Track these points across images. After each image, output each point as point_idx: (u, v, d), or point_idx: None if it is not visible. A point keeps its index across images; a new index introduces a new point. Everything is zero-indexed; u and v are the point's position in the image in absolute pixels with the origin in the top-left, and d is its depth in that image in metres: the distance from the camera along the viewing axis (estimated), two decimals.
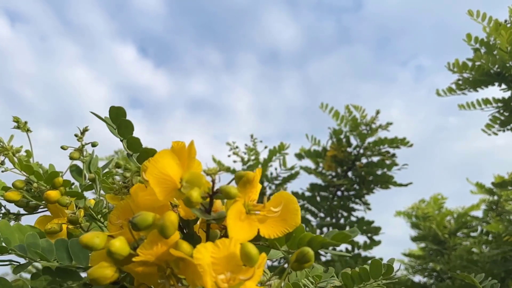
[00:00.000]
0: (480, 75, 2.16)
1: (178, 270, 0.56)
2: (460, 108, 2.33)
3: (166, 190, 0.57)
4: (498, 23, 1.99)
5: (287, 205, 0.60)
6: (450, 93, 2.36)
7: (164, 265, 0.56)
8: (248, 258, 0.50)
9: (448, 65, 2.25)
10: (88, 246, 0.54)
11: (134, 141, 0.67)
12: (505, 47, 1.95)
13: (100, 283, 0.54)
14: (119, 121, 0.67)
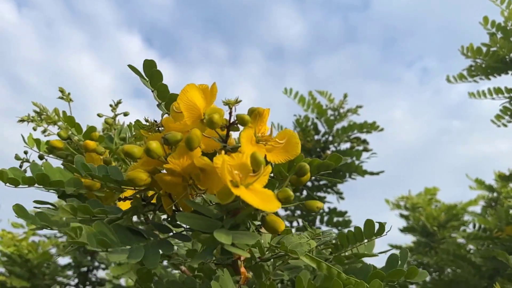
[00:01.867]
0: (494, 62, 2.09)
1: (198, 181, 0.68)
2: (470, 96, 2.24)
3: (193, 116, 0.71)
4: None
5: (290, 139, 0.72)
6: (461, 79, 2.27)
7: (187, 176, 0.68)
8: (257, 162, 0.63)
9: (461, 49, 2.18)
10: (129, 153, 0.67)
11: (163, 89, 0.79)
12: None
13: (136, 184, 0.67)
14: (151, 72, 0.79)
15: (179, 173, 0.68)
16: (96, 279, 2.70)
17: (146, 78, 0.78)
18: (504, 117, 2.17)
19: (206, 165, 0.66)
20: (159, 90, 0.79)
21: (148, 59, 0.78)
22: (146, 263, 0.64)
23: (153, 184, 0.72)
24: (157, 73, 0.78)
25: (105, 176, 0.71)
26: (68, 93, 1.08)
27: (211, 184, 0.67)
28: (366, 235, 0.99)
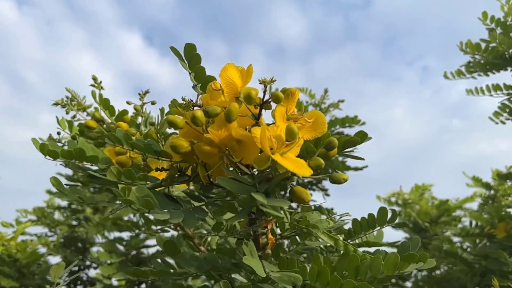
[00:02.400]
0: (493, 58, 2.04)
1: (233, 152, 0.74)
2: (468, 93, 2.19)
3: (230, 93, 0.77)
4: None
5: (317, 119, 0.78)
6: (459, 76, 2.22)
7: (224, 147, 0.74)
8: (292, 133, 0.69)
9: (460, 45, 2.12)
10: (172, 123, 0.73)
11: (200, 71, 0.85)
12: None
13: (177, 150, 0.73)
14: (191, 55, 0.85)
15: (216, 144, 0.73)
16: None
17: (185, 61, 0.84)
18: (503, 114, 2.14)
19: (243, 136, 0.72)
20: (197, 72, 0.84)
21: (189, 43, 0.83)
22: (185, 224, 0.70)
23: (188, 157, 0.78)
24: (195, 56, 0.83)
25: (146, 146, 0.77)
26: (100, 81, 1.13)
27: (247, 154, 0.72)
28: (379, 223, 1.05)
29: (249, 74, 0.79)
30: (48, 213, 2.40)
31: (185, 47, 0.85)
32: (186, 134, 0.76)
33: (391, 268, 0.84)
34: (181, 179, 0.81)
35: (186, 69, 0.85)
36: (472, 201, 2.64)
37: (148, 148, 0.76)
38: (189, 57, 0.85)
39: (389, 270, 0.84)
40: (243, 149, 0.73)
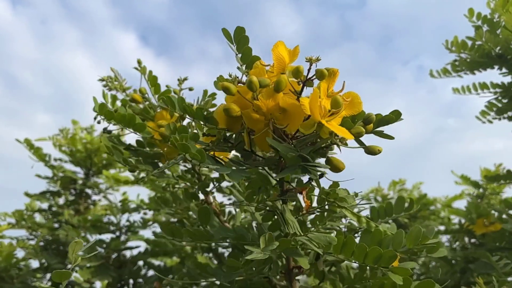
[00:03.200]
0: (479, 56, 1.99)
1: (277, 120, 0.81)
2: (455, 91, 2.18)
3: (279, 68, 0.84)
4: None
5: (354, 99, 0.85)
6: (445, 74, 2.18)
7: (269, 116, 0.81)
8: (337, 103, 0.77)
9: (446, 43, 2.07)
10: (227, 88, 0.80)
11: (247, 51, 0.92)
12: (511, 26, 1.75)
13: (230, 113, 0.79)
14: (240, 37, 0.92)
15: (263, 112, 0.80)
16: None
17: (234, 43, 0.91)
18: (490, 113, 2.11)
19: (290, 105, 0.79)
20: (244, 53, 0.92)
21: (239, 26, 0.92)
22: (231, 176, 0.78)
23: (233, 124, 0.86)
24: (244, 38, 0.92)
25: (197, 111, 0.83)
26: (144, 65, 1.20)
27: (292, 121, 0.79)
28: (396, 211, 1.12)
29: (295, 54, 0.86)
30: (28, 215, 2.36)
31: (235, 30, 0.93)
32: (236, 102, 0.83)
33: (413, 241, 0.90)
34: (225, 145, 0.87)
35: (233, 51, 0.92)
36: (461, 198, 2.62)
37: (199, 113, 0.83)
38: (238, 39, 0.92)
39: (411, 243, 0.90)
40: (287, 118, 0.80)
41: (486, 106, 2.11)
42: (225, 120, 0.85)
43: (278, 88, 0.78)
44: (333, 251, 0.90)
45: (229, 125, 0.85)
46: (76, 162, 2.56)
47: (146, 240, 2.25)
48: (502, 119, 2.10)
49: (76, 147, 2.49)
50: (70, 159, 2.54)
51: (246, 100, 0.81)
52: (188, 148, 0.73)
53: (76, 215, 2.45)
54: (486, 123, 2.13)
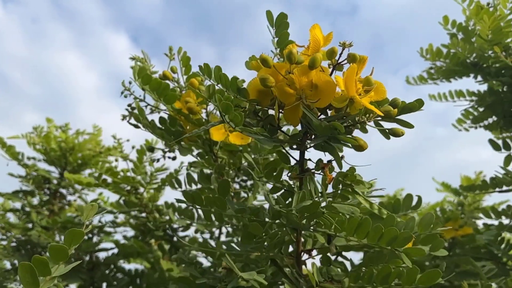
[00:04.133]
0: (454, 64, 1.98)
1: (308, 96, 0.84)
2: (431, 98, 2.14)
3: (314, 49, 0.88)
4: (480, 6, 1.81)
5: (379, 86, 0.88)
6: (421, 81, 2.16)
7: (301, 91, 0.85)
8: (370, 82, 0.81)
9: (421, 51, 2.07)
10: (264, 60, 0.84)
11: (285, 36, 0.96)
12: (486, 35, 1.75)
13: (265, 83, 0.83)
14: (280, 22, 0.96)
15: (295, 87, 0.84)
16: None
17: (274, 27, 0.95)
18: (466, 121, 2.10)
19: (323, 82, 0.83)
20: (281, 37, 0.97)
21: (283, 12, 0.97)
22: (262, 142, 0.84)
23: (264, 97, 0.90)
24: (284, 24, 0.96)
25: (232, 82, 0.86)
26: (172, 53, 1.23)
27: (322, 98, 0.83)
28: (403, 208, 1.16)
29: (328, 39, 0.91)
30: (1, 215, 2.30)
31: (279, 15, 0.98)
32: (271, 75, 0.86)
33: (424, 227, 0.93)
34: (253, 119, 0.90)
35: (271, 34, 0.96)
36: (442, 205, 2.63)
37: (234, 83, 0.86)
38: (279, 24, 0.97)
39: (423, 228, 0.93)
40: (319, 93, 0.84)
41: (462, 114, 2.11)
42: (256, 93, 0.88)
43: (314, 64, 0.82)
44: (347, 231, 0.92)
45: (260, 98, 0.88)
46: (51, 161, 2.47)
47: (115, 242, 2.22)
48: (478, 128, 2.11)
49: (50, 145, 2.41)
50: (44, 158, 2.47)
51: (280, 76, 0.84)
52: (230, 108, 0.76)
53: (51, 215, 2.38)
54: (462, 131, 2.14)
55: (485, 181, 1.88)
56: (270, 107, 0.90)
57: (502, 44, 1.77)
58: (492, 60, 1.84)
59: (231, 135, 1.03)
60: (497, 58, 1.75)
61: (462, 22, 1.96)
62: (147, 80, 0.97)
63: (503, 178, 1.79)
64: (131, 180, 1.70)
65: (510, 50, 1.81)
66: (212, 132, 1.01)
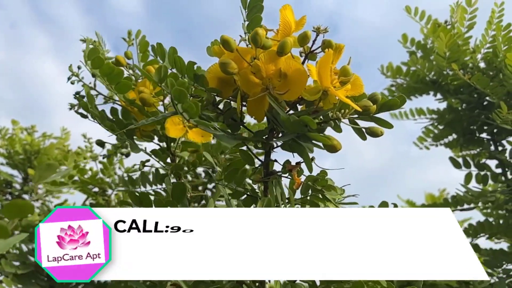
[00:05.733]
0: (414, 82, 1.89)
1: (276, 86, 0.69)
2: (393, 116, 2.00)
3: (284, 33, 0.73)
4: (437, 23, 1.74)
5: (356, 80, 0.73)
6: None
7: (267, 81, 0.69)
8: (347, 72, 0.66)
9: (381, 68, 1.96)
10: (226, 41, 0.68)
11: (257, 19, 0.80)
12: (443, 52, 1.67)
13: (226, 68, 0.67)
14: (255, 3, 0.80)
15: (261, 76, 0.69)
16: None
17: (246, 9, 0.79)
18: (427, 140, 2.01)
19: (293, 70, 0.68)
20: (252, 21, 0.80)
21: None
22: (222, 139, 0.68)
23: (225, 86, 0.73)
24: (258, 7, 0.80)
25: (188, 66, 0.69)
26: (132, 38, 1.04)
27: (292, 89, 0.68)
28: None
29: (301, 23, 0.76)
30: None
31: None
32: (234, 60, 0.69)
33: None
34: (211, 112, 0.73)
35: (243, 17, 0.80)
36: None
37: (190, 68, 0.69)
38: (252, 5, 0.81)
39: None
40: (287, 83, 0.69)
41: (423, 132, 2.01)
42: (217, 82, 0.73)
43: (283, 50, 0.68)
44: None
45: (220, 87, 0.71)
46: (14, 164, 2.20)
47: None
48: (439, 146, 2.01)
49: (14, 148, 2.16)
50: (8, 161, 2.20)
51: (244, 62, 0.68)
52: (184, 96, 0.59)
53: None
54: (423, 149, 2.03)
55: (446, 199, 1.78)
56: (232, 99, 0.74)
57: (460, 61, 1.70)
58: (451, 78, 1.76)
59: (190, 131, 0.84)
60: (455, 76, 1.67)
61: (421, 40, 1.91)
62: (98, 63, 0.79)
63: (464, 196, 1.68)
64: (99, 181, 1.50)
65: (468, 68, 1.75)
66: (168, 127, 0.83)
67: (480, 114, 1.79)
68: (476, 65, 1.74)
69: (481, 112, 1.79)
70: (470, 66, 1.74)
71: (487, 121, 1.73)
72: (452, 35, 1.64)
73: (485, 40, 1.68)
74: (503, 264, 1.60)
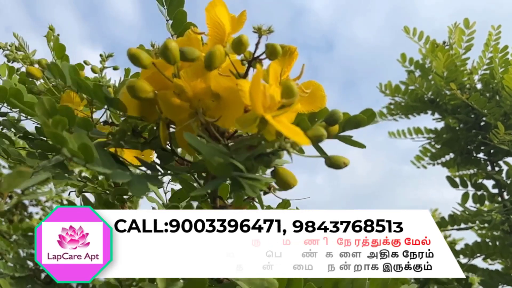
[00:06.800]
0: (413, 101, 1.80)
1: (209, 110, 0.48)
2: (390, 135, 1.91)
3: (215, 37, 0.54)
4: (435, 44, 1.67)
5: (315, 91, 0.54)
6: (381, 117, 1.89)
7: (196, 103, 0.48)
8: (290, 91, 0.45)
9: (380, 86, 1.86)
10: (135, 57, 0.47)
11: (181, 16, 0.61)
12: (441, 72, 1.60)
13: (136, 94, 0.47)
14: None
15: (188, 97, 0.50)
16: None
17: (165, 5, 0.57)
18: (424, 159, 1.88)
19: (225, 90, 0.49)
20: (176, 18, 0.62)
21: None
22: (132, 190, 0.45)
23: (148, 111, 0.52)
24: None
25: (96, 87, 0.48)
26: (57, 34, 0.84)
27: (227, 113, 0.49)
28: None
29: (240, 22, 0.55)
30: None
31: None
32: (150, 80, 0.49)
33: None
34: (134, 140, 0.51)
35: (163, 15, 0.59)
36: None
37: (98, 91, 0.50)
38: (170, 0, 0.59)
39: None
40: (221, 106, 0.50)
41: (420, 151, 1.91)
42: (135, 105, 0.53)
43: (210, 63, 0.48)
44: None
45: (142, 112, 0.50)
46: None
47: None
48: (436, 165, 1.89)
49: None
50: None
51: (165, 78, 0.46)
52: (63, 140, 0.39)
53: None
54: (421, 168, 1.92)
55: (443, 218, 1.63)
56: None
57: (457, 82, 1.62)
58: (449, 97, 1.70)
59: (125, 151, 0.62)
60: (453, 95, 1.61)
61: (419, 60, 1.82)
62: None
63: (460, 215, 1.56)
64: None
65: (465, 88, 1.67)
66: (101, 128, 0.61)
67: (477, 134, 1.69)
68: (473, 86, 1.67)
69: (478, 132, 1.68)
70: (467, 86, 1.67)
71: (484, 141, 1.62)
72: (450, 56, 1.58)
73: (482, 62, 1.62)
74: (499, 284, 1.52)
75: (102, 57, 0.83)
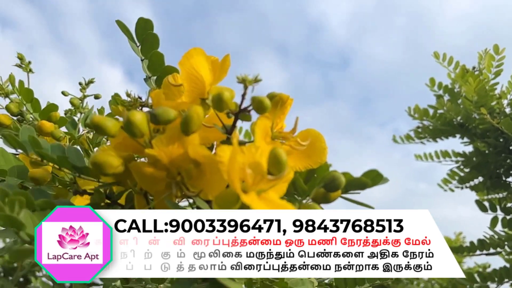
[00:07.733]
0: (441, 124, 1.66)
1: (188, 180, 0.38)
2: (417, 158, 1.79)
3: (194, 92, 0.45)
4: (465, 69, 1.56)
5: (314, 142, 0.44)
6: (408, 140, 1.77)
7: (175, 171, 0.39)
8: (279, 162, 0.36)
9: (408, 110, 1.74)
10: (99, 127, 0.38)
11: (157, 58, 0.52)
12: (471, 96, 1.50)
13: (103, 170, 0.38)
14: (146, 34, 0.52)
15: (164, 166, 0.41)
16: None
17: (137, 43, 0.48)
18: (452, 182, 1.74)
19: (205, 158, 0.41)
20: (152, 60, 0.52)
21: (143, 18, 0.53)
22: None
23: (124, 178, 0.41)
24: (152, 37, 0.52)
25: (60, 158, 0.40)
26: (28, 61, 0.75)
27: (207, 185, 0.39)
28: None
29: (224, 69, 0.45)
30: None
31: (137, 22, 0.57)
32: (122, 146, 0.39)
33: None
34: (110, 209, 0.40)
35: (137, 54, 0.49)
36: None
37: (63, 161, 0.40)
38: (142, 38, 0.50)
39: None
40: (202, 177, 0.40)
41: (448, 174, 1.78)
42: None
43: (187, 127, 0.39)
44: None
45: (117, 178, 0.39)
46: None
47: None
48: (464, 188, 1.76)
49: None
50: None
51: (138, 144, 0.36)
52: (19, 224, 0.29)
53: None
54: (447, 191, 1.79)
55: (472, 243, 1.50)
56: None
57: (487, 106, 1.51)
58: (478, 122, 1.57)
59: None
60: (483, 120, 1.49)
61: (448, 84, 1.69)
62: None
63: (490, 240, 1.44)
64: None
65: (494, 113, 1.55)
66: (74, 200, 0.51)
67: (506, 158, 1.58)
68: (502, 110, 1.56)
69: (508, 156, 1.57)
70: (496, 111, 1.56)
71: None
72: (480, 81, 1.47)
73: (511, 87, 1.52)
74: None
75: (81, 86, 0.75)
